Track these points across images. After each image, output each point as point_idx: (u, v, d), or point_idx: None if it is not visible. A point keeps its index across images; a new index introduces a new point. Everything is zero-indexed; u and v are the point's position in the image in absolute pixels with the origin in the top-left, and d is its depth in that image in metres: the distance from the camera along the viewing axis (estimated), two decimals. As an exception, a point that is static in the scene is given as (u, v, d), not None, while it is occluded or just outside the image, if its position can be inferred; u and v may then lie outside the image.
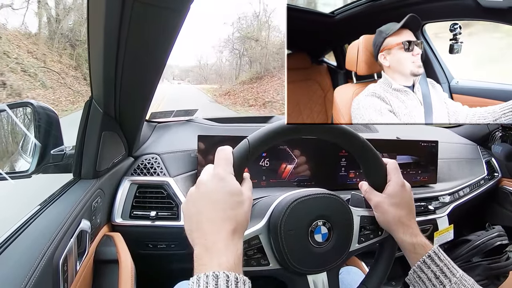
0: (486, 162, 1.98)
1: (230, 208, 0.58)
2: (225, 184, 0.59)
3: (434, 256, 0.70)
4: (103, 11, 0.66)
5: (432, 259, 0.70)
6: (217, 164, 0.63)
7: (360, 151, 0.76)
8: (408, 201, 0.78)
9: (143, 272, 1.17)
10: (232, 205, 0.58)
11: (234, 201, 0.58)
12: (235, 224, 0.57)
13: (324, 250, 0.72)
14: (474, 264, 1.79)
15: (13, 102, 1.02)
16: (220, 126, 1.64)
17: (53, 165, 1.03)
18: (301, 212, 0.71)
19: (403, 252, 0.76)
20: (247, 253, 0.68)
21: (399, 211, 0.75)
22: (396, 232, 0.75)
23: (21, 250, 0.72)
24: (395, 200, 0.76)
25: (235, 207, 0.58)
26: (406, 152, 1.60)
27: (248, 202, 0.61)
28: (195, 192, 0.61)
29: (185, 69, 73.88)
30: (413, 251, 0.72)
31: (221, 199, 0.58)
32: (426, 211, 1.53)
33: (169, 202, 1.27)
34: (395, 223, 0.75)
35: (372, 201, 0.78)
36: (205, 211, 0.58)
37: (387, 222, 0.76)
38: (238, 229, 0.58)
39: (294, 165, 1.40)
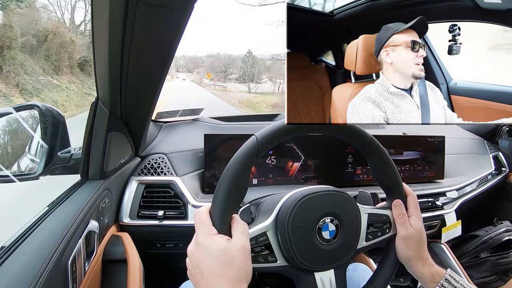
0: (493, 157, 1.97)
1: (220, 270, 0.58)
2: (207, 250, 0.60)
3: (450, 279, 0.73)
4: (107, 12, 0.66)
5: (449, 282, 0.72)
6: (196, 230, 0.63)
7: (367, 149, 0.75)
8: (424, 235, 0.78)
9: (151, 272, 1.18)
10: (220, 266, 0.58)
11: (222, 262, 0.59)
12: (231, 281, 0.58)
13: (332, 247, 0.72)
14: (482, 259, 1.78)
15: (19, 105, 1.02)
16: (226, 124, 1.64)
17: (61, 167, 1.04)
18: (309, 209, 0.71)
19: (421, 283, 0.77)
20: (255, 249, 0.68)
21: (422, 247, 0.77)
22: (416, 266, 0.76)
23: (30, 251, 0.73)
24: (420, 236, 0.77)
25: (225, 267, 0.58)
26: (413, 147, 1.59)
27: (241, 251, 0.60)
28: (188, 261, 0.63)
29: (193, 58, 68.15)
30: (432, 281, 0.74)
31: (209, 265, 0.59)
32: (434, 206, 1.52)
33: (176, 201, 1.27)
34: (417, 258, 0.76)
35: (402, 232, 0.77)
36: (199, 279, 0.60)
37: (410, 257, 0.77)
38: (236, 283, 0.58)
39: (301, 163, 1.40)
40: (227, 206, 0.64)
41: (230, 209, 0.65)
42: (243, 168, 0.65)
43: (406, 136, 1.62)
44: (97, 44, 0.81)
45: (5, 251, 0.71)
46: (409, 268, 0.78)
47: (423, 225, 0.78)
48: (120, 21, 0.67)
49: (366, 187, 0.87)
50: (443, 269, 0.75)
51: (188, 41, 61.44)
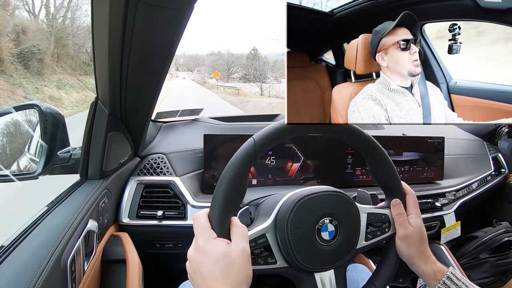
0: (493, 158, 1.97)
1: (220, 274, 0.58)
2: (207, 254, 0.60)
3: (452, 277, 0.73)
4: (107, 12, 0.66)
5: (451, 280, 0.72)
6: (195, 234, 0.64)
7: (366, 150, 0.76)
8: (424, 232, 0.79)
9: (150, 272, 1.18)
10: (221, 270, 0.59)
11: (222, 266, 0.59)
12: (232, 284, 0.58)
13: (331, 248, 0.72)
14: (481, 260, 1.78)
15: (19, 104, 1.02)
16: (225, 125, 1.64)
17: (60, 166, 1.04)
18: (308, 210, 0.71)
19: (424, 280, 0.78)
20: (254, 251, 0.68)
21: (423, 245, 0.77)
22: (418, 264, 0.77)
23: (29, 251, 0.73)
24: (420, 234, 0.77)
25: (226, 270, 0.59)
26: (412, 148, 1.59)
27: (241, 254, 0.61)
28: (189, 265, 0.63)
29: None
30: (434, 278, 0.74)
31: (209, 269, 0.59)
32: (433, 207, 1.52)
33: (175, 201, 1.27)
34: (419, 256, 0.76)
35: (401, 232, 0.78)
36: (200, 283, 0.60)
37: (411, 255, 0.77)
38: (236, 286, 0.58)
39: (300, 163, 1.40)
40: (225, 209, 0.64)
41: (229, 212, 0.65)
42: (240, 171, 0.65)
43: (406, 137, 1.62)
44: (97, 44, 0.81)
45: (4, 250, 0.71)
46: (411, 266, 0.78)
47: (422, 224, 0.79)
48: (120, 21, 0.68)
49: (366, 187, 0.87)
50: (445, 267, 0.76)
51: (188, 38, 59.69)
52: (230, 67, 51.80)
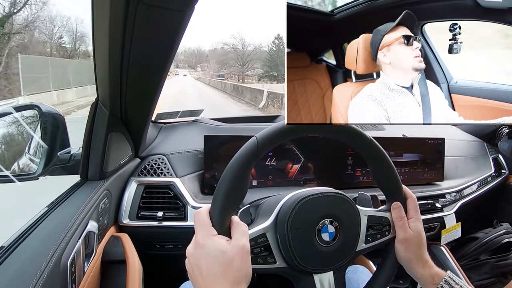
0: (493, 159, 1.97)
1: (219, 271, 0.58)
2: (206, 250, 0.60)
3: (450, 281, 0.73)
4: (107, 13, 0.66)
5: (449, 284, 0.72)
6: (196, 230, 0.64)
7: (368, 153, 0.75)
8: (424, 237, 0.78)
9: (150, 272, 1.18)
10: (220, 267, 0.59)
11: (221, 262, 0.59)
12: (231, 281, 0.58)
13: (331, 249, 0.72)
14: (481, 262, 1.78)
15: (19, 105, 1.02)
16: (226, 126, 1.65)
17: (60, 167, 1.04)
18: (308, 211, 0.71)
19: (421, 285, 0.78)
20: (254, 250, 0.68)
21: (421, 249, 0.77)
22: (415, 268, 0.76)
23: (29, 251, 0.73)
24: (419, 238, 0.77)
25: (225, 267, 0.59)
26: (412, 150, 1.59)
27: (240, 252, 0.61)
28: (188, 262, 0.63)
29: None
30: (432, 282, 0.74)
31: (208, 266, 0.59)
32: (433, 209, 1.52)
33: (176, 202, 1.27)
34: (417, 260, 0.76)
35: (400, 235, 0.78)
36: (199, 279, 0.60)
37: (409, 259, 0.77)
38: (235, 283, 0.58)
39: (301, 164, 1.40)
40: (227, 206, 0.64)
41: (230, 209, 0.65)
42: (243, 168, 0.65)
43: (406, 138, 1.62)
44: (97, 44, 0.81)
45: (4, 251, 0.71)
46: (408, 270, 0.78)
47: (423, 228, 0.78)
48: (120, 22, 0.68)
49: (366, 189, 0.87)
50: (442, 271, 0.75)
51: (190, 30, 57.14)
52: (245, 62, 45.12)
